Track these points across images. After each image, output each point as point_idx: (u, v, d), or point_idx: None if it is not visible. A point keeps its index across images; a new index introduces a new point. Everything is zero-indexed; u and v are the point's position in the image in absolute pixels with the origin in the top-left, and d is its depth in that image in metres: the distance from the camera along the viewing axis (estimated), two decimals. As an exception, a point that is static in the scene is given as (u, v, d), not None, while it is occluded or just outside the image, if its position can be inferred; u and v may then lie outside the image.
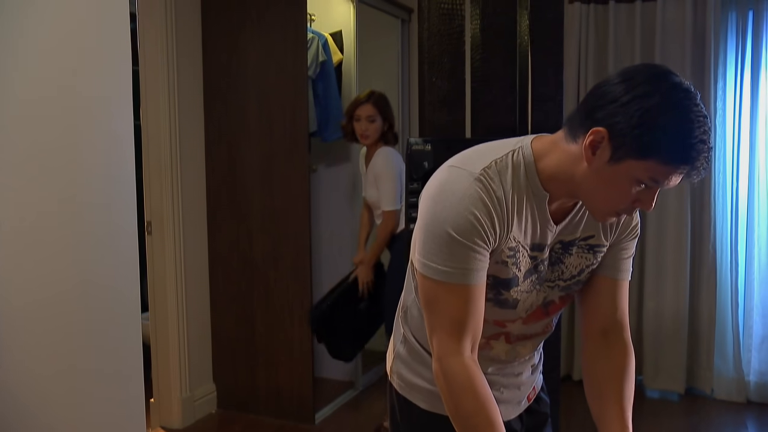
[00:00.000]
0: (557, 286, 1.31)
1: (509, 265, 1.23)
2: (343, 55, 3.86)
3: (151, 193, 3.28)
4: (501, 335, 1.35)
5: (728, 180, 3.68)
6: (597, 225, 1.28)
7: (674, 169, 1.06)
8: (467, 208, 1.15)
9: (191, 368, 3.42)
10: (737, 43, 3.65)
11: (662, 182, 1.09)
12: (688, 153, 1.05)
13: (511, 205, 1.18)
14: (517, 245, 1.21)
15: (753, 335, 3.69)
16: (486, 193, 1.16)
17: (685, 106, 1.05)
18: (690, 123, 1.04)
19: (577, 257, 1.29)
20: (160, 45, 3.20)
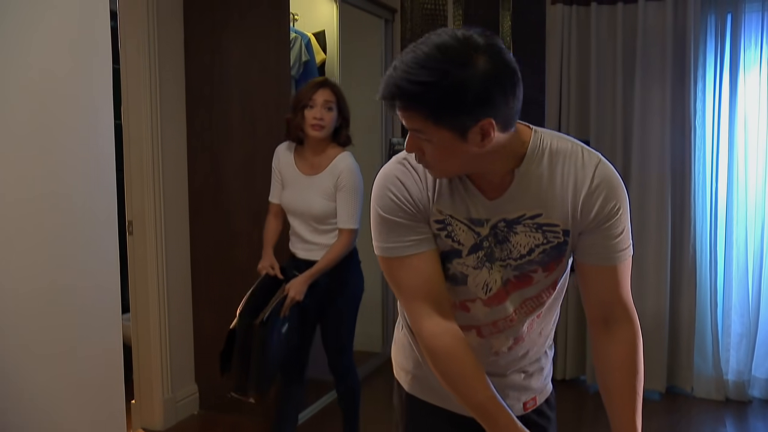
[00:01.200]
0: (509, 266, 1.30)
1: (443, 238, 1.29)
2: (326, 55, 3.86)
3: (132, 193, 3.26)
4: (472, 328, 1.37)
5: (707, 181, 3.72)
6: (544, 202, 1.24)
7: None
8: (386, 186, 1.28)
9: (173, 369, 3.40)
10: (716, 45, 3.69)
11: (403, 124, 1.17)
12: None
13: (434, 181, 1.26)
14: (447, 218, 1.27)
15: (731, 334, 3.74)
16: (403, 173, 1.27)
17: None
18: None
19: (524, 236, 1.27)
20: (142, 43, 3.18)
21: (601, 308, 1.33)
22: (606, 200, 1.23)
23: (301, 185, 2.70)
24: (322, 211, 2.67)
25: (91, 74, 2.15)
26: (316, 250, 2.71)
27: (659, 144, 3.73)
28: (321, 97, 2.65)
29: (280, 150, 2.81)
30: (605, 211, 1.24)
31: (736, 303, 3.73)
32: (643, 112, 3.76)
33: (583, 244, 1.28)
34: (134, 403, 3.36)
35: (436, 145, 1.15)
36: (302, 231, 2.73)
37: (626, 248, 1.30)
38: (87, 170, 2.15)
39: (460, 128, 1.12)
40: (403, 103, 1.12)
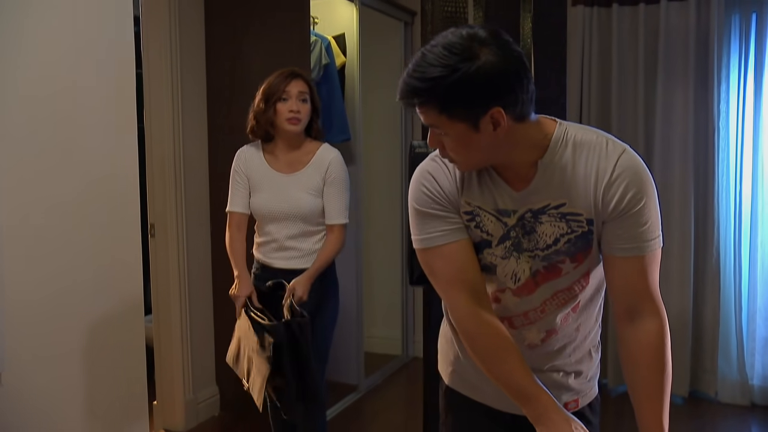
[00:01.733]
0: (537, 256, 1.33)
1: (473, 228, 1.35)
2: (346, 58, 3.87)
3: (154, 196, 3.29)
4: (504, 320, 1.39)
5: (731, 183, 3.67)
6: (568, 192, 1.27)
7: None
8: (420, 181, 1.36)
9: (194, 371, 3.42)
10: (740, 46, 3.64)
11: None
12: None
13: (462, 175, 1.33)
14: (476, 209, 1.34)
15: (756, 338, 3.68)
16: (434, 168, 1.35)
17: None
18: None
19: (549, 225, 1.30)
20: (164, 48, 3.21)
21: (626, 301, 1.32)
22: (627, 189, 1.25)
23: (281, 185, 2.48)
24: (311, 209, 2.46)
25: (115, 79, 2.17)
26: (297, 258, 2.49)
27: (682, 146, 3.69)
28: (295, 88, 2.44)
29: (244, 152, 2.55)
30: (627, 200, 1.25)
31: (761, 306, 3.67)
32: (665, 113, 3.72)
33: (608, 234, 1.29)
34: (156, 404, 3.38)
35: (454, 138, 1.22)
36: (282, 237, 2.48)
37: (652, 239, 1.29)
38: (111, 173, 2.18)
39: (472, 119, 1.18)
40: (418, 100, 1.19)
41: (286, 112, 2.42)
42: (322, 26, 3.85)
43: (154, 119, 3.25)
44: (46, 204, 1.97)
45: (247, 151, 2.56)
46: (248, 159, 2.54)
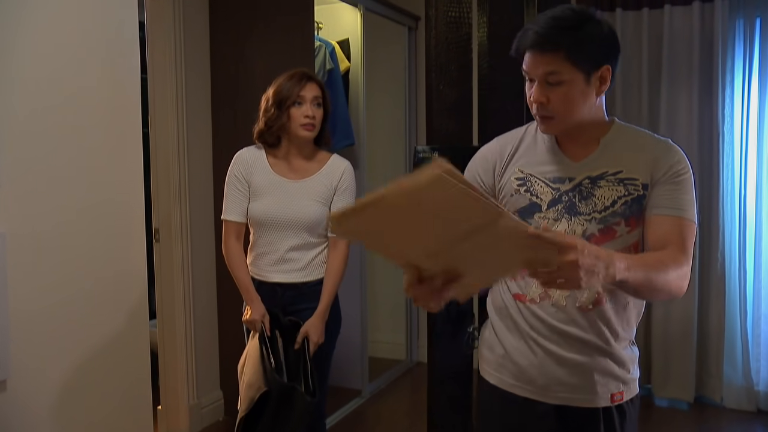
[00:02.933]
0: (593, 219, 1.44)
1: (522, 192, 1.49)
2: (350, 63, 3.87)
3: (159, 201, 3.29)
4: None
5: (736, 187, 3.66)
6: (625, 162, 1.44)
7: (519, 56, 1.43)
8: (481, 150, 1.62)
9: (198, 376, 3.42)
10: (744, 51, 3.64)
11: (526, 70, 1.42)
12: (517, 39, 1.43)
13: (518, 148, 1.54)
14: (527, 176, 1.50)
15: (761, 344, 3.67)
16: (498, 139, 1.60)
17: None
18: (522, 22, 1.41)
19: (606, 189, 1.44)
20: (169, 53, 3.22)
21: (661, 246, 1.43)
22: (677, 162, 1.45)
23: (288, 192, 2.33)
24: (317, 217, 2.32)
25: (120, 84, 2.18)
26: (296, 271, 2.36)
27: (687, 151, 3.62)
28: (310, 92, 2.31)
29: (245, 156, 2.39)
30: (675, 169, 1.44)
31: (766, 311, 3.66)
32: (669, 118, 3.71)
33: (654, 197, 1.44)
34: (160, 409, 3.38)
35: (565, 89, 1.38)
36: (283, 248, 2.34)
37: (691, 210, 1.45)
38: (116, 178, 2.18)
39: (588, 69, 1.38)
40: (550, 46, 1.35)
41: (301, 118, 2.29)
42: (326, 31, 3.86)
43: (159, 124, 3.26)
44: (50, 210, 1.97)
45: (247, 154, 2.39)
46: (250, 163, 2.37)
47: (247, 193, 2.37)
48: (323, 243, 2.39)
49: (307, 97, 2.30)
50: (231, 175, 2.39)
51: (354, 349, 3.79)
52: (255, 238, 2.41)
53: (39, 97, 1.93)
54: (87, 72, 2.07)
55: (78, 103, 2.04)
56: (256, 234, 2.40)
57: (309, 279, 2.36)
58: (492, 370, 1.60)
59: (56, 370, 2.01)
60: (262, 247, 2.38)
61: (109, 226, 2.16)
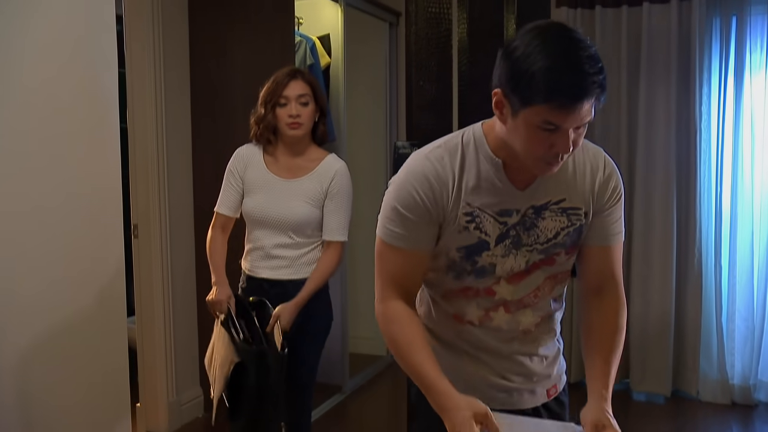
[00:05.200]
0: (536, 250, 1.39)
1: (471, 230, 1.36)
2: (330, 59, 3.86)
3: (137, 197, 3.27)
4: (500, 306, 1.42)
5: (712, 184, 3.71)
6: (567, 188, 1.36)
7: (555, 107, 1.14)
8: (412, 184, 1.33)
9: (178, 372, 3.40)
10: (721, 48, 3.68)
11: (559, 123, 1.16)
12: (557, 88, 1.13)
13: (462, 175, 1.33)
14: (475, 210, 1.34)
15: (736, 338, 3.73)
16: (430, 171, 1.33)
17: (547, 46, 1.14)
18: (552, 59, 1.13)
19: (550, 220, 1.37)
20: (147, 48, 3.19)
21: (596, 281, 1.45)
22: (615, 185, 1.39)
23: (279, 190, 2.34)
24: (305, 218, 2.33)
25: (96, 78, 2.16)
26: (283, 268, 2.36)
27: (664, 147, 3.72)
28: (294, 91, 2.30)
29: (244, 152, 2.41)
30: (614, 195, 1.39)
31: (740, 307, 3.71)
32: (648, 115, 3.75)
33: (592, 225, 1.40)
34: (139, 406, 3.36)
35: (584, 128, 1.23)
36: (269, 244, 2.35)
37: (622, 231, 1.44)
38: (93, 174, 2.16)
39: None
40: (602, 93, 1.18)
41: (286, 117, 2.29)
42: (307, 27, 3.85)
43: (137, 119, 3.23)
44: (27, 205, 1.95)
45: (246, 150, 2.41)
46: (247, 159, 2.39)
47: (240, 189, 2.40)
48: (312, 244, 2.38)
49: (291, 96, 2.30)
50: (228, 169, 2.42)
51: (335, 345, 3.79)
52: (248, 233, 2.44)
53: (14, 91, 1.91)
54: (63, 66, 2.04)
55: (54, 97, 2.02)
56: (249, 229, 2.43)
57: (295, 277, 2.35)
58: None
59: (32, 368, 1.99)
60: (253, 243, 2.41)
61: (86, 221, 2.14)
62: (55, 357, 2.04)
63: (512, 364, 1.48)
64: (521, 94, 1.16)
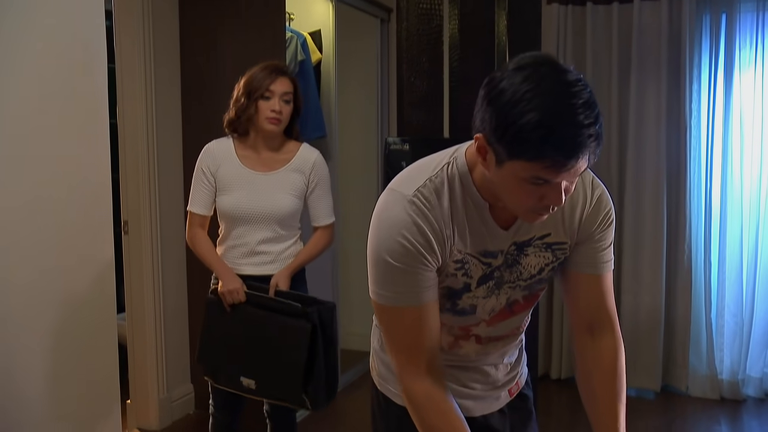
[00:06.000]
0: (518, 287, 1.31)
1: (459, 276, 1.24)
2: (321, 55, 3.86)
3: (127, 193, 3.25)
4: (471, 336, 1.36)
5: (702, 181, 3.73)
6: (553, 222, 1.24)
7: (546, 165, 1.01)
8: (400, 233, 1.15)
9: (168, 369, 3.40)
10: (711, 45, 3.70)
11: (550, 179, 1.04)
12: (548, 145, 0.99)
13: (451, 220, 1.18)
14: (465, 257, 1.22)
15: (725, 334, 3.75)
16: (420, 216, 1.16)
17: (538, 93, 0.99)
18: (544, 111, 0.98)
19: (534, 257, 1.28)
20: (137, 43, 3.17)
21: (587, 316, 1.34)
22: (606, 212, 1.28)
23: (259, 185, 2.32)
24: (290, 210, 2.34)
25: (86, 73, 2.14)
26: (267, 264, 2.36)
27: (655, 144, 3.74)
28: (280, 87, 2.30)
29: (213, 148, 2.37)
30: (604, 222, 1.28)
31: (729, 302, 3.74)
32: (638, 111, 3.77)
33: (576, 253, 1.30)
34: (129, 403, 3.35)
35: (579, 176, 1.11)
36: (253, 240, 2.33)
37: (611, 259, 1.33)
38: (82, 170, 2.15)
39: None
40: (600, 145, 1.04)
41: (268, 112, 2.27)
42: (298, 22, 3.84)
43: (127, 115, 3.21)
44: (16, 201, 1.94)
45: (216, 147, 2.37)
46: (218, 156, 2.34)
47: (213, 187, 2.35)
48: (294, 236, 2.41)
49: (277, 92, 2.29)
50: (198, 168, 2.36)
51: (326, 342, 3.79)
52: (225, 231, 2.39)
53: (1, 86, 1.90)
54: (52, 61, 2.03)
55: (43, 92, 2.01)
56: (227, 227, 2.38)
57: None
58: (387, 387, 1.45)
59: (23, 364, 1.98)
60: (233, 240, 2.36)
61: (75, 217, 2.13)
62: (44, 354, 2.03)
63: (477, 374, 1.42)
64: (508, 146, 1.02)
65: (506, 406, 1.49)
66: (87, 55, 2.14)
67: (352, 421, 3.52)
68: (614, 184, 3.81)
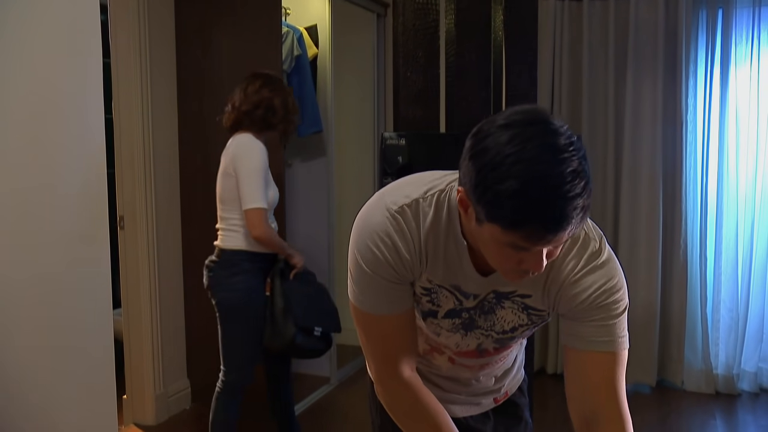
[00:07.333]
0: (491, 336, 1.24)
1: (424, 302, 1.21)
2: (318, 50, 3.85)
3: (123, 188, 3.24)
4: (443, 353, 1.33)
5: (698, 176, 3.74)
6: (535, 285, 1.14)
7: (523, 236, 0.93)
8: (374, 242, 1.12)
9: (165, 364, 3.39)
10: (707, 41, 3.71)
11: (529, 247, 0.95)
12: (526, 217, 0.91)
13: (425, 247, 1.12)
14: (434, 287, 1.17)
15: (720, 329, 3.77)
16: (396, 231, 1.11)
17: (521, 159, 0.90)
18: (524, 180, 0.89)
19: (510, 312, 1.19)
20: (133, 37, 3.16)
21: (585, 405, 1.16)
22: (596, 285, 1.12)
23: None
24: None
25: (81, 68, 2.13)
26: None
27: (651, 139, 3.75)
28: None
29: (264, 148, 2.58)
30: (597, 298, 1.12)
31: (725, 297, 3.75)
32: (634, 107, 3.77)
33: (573, 325, 1.14)
34: (126, 398, 3.35)
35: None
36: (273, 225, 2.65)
37: (624, 336, 1.14)
38: (78, 165, 2.14)
39: None
40: (586, 218, 0.96)
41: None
42: (294, 17, 3.83)
43: (123, 110, 3.20)
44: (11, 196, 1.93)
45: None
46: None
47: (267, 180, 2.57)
48: None
49: None
50: (264, 166, 2.50)
51: (322, 337, 3.79)
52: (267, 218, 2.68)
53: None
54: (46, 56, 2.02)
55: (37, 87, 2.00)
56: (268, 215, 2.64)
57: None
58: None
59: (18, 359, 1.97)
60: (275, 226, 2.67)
61: (71, 212, 2.12)
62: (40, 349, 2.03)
63: (456, 385, 1.39)
64: (485, 209, 0.94)
65: (492, 410, 1.45)
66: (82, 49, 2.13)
67: (348, 415, 3.53)
68: (610, 178, 3.82)
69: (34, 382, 2.02)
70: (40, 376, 2.04)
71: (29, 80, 1.97)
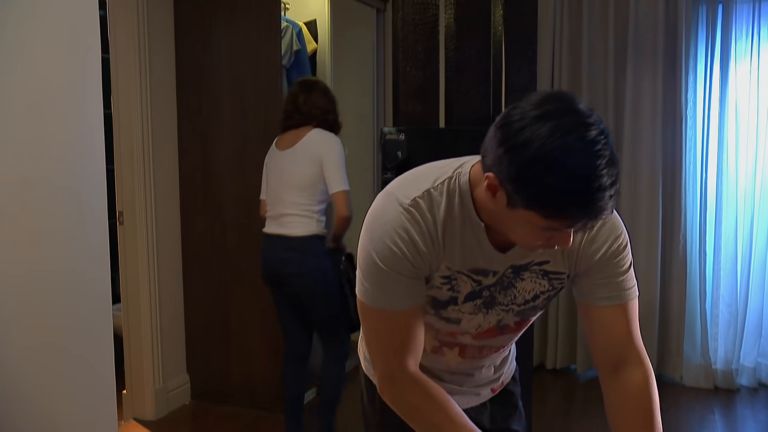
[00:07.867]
0: (511, 310, 1.27)
1: (444, 290, 1.23)
2: (317, 44, 3.84)
3: (122, 183, 3.24)
4: (455, 346, 1.35)
5: (698, 171, 3.74)
6: (553, 253, 1.20)
7: (563, 222, 1.01)
8: (392, 238, 1.14)
9: (164, 359, 3.40)
10: (707, 36, 3.70)
11: (562, 229, 1.03)
12: (570, 207, 0.98)
13: (443, 235, 1.15)
14: (453, 273, 1.20)
15: (719, 324, 3.77)
16: (413, 224, 1.14)
17: (564, 151, 0.96)
18: (570, 176, 0.96)
19: (529, 282, 1.24)
20: (132, 33, 3.15)
21: (609, 352, 1.27)
22: (609, 241, 1.22)
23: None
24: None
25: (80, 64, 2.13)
26: None
27: (650, 134, 3.74)
28: None
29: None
30: (609, 251, 1.22)
31: (724, 293, 3.75)
32: (634, 102, 3.77)
33: (588, 284, 1.24)
34: (125, 393, 3.35)
35: None
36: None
37: (632, 287, 1.27)
38: (76, 160, 2.14)
39: None
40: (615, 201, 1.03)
41: None
42: (294, 12, 3.82)
43: (122, 105, 3.20)
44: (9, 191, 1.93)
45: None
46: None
47: None
48: None
49: None
50: (344, 154, 2.84)
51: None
52: None
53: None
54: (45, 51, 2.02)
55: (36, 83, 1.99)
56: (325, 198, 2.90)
57: None
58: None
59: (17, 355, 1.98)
60: None
61: (70, 208, 2.12)
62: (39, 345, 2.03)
63: (458, 377, 1.41)
64: (526, 200, 1.00)
65: (489, 400, 1.48)
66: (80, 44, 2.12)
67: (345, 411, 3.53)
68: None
69: (33, 377, 2.02)
70: (39, 371, 2.04)
71: (28, 75, 1.97)
